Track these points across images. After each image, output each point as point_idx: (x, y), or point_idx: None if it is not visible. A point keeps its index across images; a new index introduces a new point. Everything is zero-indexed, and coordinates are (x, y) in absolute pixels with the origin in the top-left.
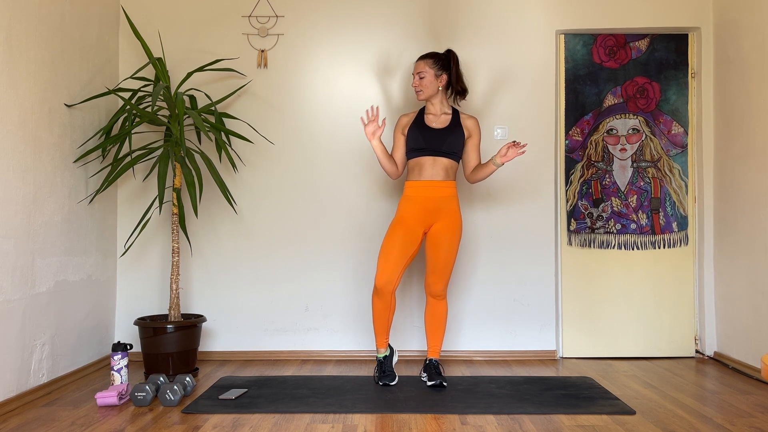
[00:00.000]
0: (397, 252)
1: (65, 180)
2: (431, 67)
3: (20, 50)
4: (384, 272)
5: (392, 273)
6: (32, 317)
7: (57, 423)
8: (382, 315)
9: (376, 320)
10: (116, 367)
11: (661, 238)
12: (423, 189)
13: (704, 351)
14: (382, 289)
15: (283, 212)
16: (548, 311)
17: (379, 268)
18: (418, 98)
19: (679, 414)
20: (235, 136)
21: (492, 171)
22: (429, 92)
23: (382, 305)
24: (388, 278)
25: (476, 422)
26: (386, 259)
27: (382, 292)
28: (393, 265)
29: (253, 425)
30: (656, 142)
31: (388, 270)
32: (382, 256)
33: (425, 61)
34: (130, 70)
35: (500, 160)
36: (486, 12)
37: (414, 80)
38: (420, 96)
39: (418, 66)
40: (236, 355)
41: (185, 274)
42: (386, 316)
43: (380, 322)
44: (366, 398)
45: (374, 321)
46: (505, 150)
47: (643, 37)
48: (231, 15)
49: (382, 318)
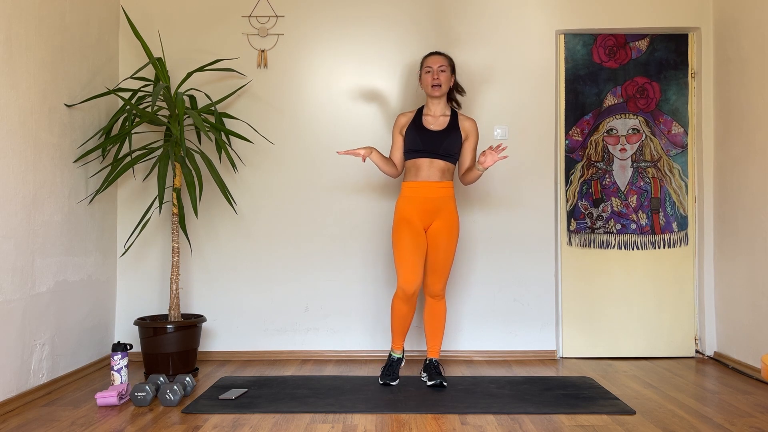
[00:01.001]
0: (412, 253)
1: (65, 180)
2: (448, 65)
3: (20, 50)
4: (408, 276)
5: (415, 274)
6: (32, 317)
7: (57, 423)
8: (406, 318)
9: (399, 323)
10: (116, 367)
11: (661, 238)
12: (420, 189)
13: (704, 351)
14: (412, 293)
15: (283, 212)
16: (548, 311)
17: (402, 273)
18: (434, 93)
19: (679, 414)
20: (235, 136)
21: (478, 176)
22: (445, 89)
23: (407, 309)
24: (414, 281)
25: (476, 422)
26: (405, 261)
27: (410, 295)
28: (413, 266)
29: (253, 425)
30: (656, 142)
31: (411, 272)
32: (400, 260)
33: (443, 56)
34: (130, 70)
35: (481, 167)
36: (486, 12)
37: (433, 74)
38: (436, 92)
39: (437, 60)
40: (236, 355)
41: (185, 274)
42: (410, 319)
43: (404, 325)
44: (366, 398)
45: (395, 323)
46: (483, 158)
47: (643, 37)
48: (231, 15)
49: (406, 321)
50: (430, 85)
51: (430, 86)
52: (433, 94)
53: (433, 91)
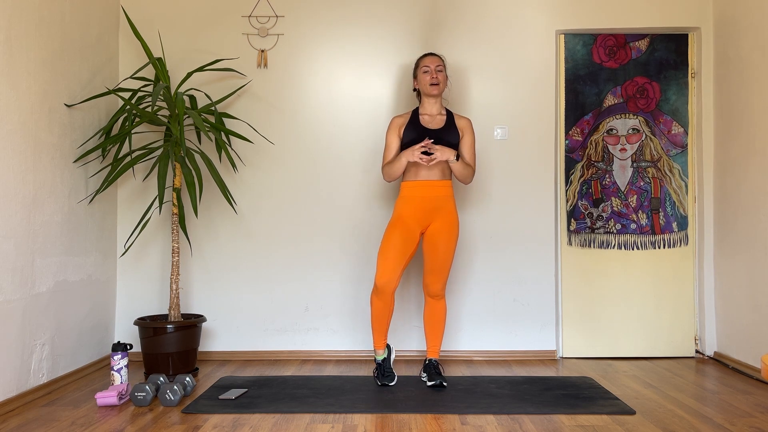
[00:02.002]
0: (397, 252)
1: (65, 180)
2: (444, 65)
3: (20, 50)
4: (384, 272)
5: (392, 272)
6: (32, 317)
7: (57, 423)
8: (382, 315)
9: (376, 320)
10: (116, 367)
11: (661, 238)
12: (420, 189)
13: (704, 351)
14: (383, 289)
15: (283, 212)
16: (548, 311)
17: (379, 268)
18: (432, 92)
19: (679, 414)
20: (235, 136)
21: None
22: (443, 87)
23: (382, 305)
24: (388, 278)
25: (476, 422)
26: (386, 259)
27: (382, 291)
28: (393, 264)
29: (253, 425)
30: (656, 142)
31: (388, 270)
32: (381, 256)
33: (439, 57)
34: (130, 70)
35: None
36: (486, 12)
37: (431, 73)
38: (435, 90)
39: (434, 60)
40: (236, 355)
41: (185, 274)
42: (386, 317)
43: (380, 322)
44: (366, 398)
45: (373, 321)
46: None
47: (643, 37)
48: (231, 15)
49: (383, 318)
50: (428, 84)
51: (428, 85)
52: (432, 92)
53: (432, 90)
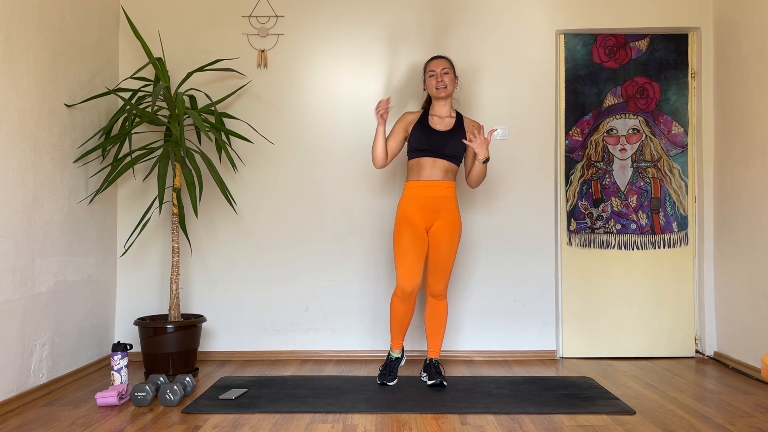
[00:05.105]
0: (414, 252)
1: (65, 180)
2: (451, 67)
3: (20, 50)
4: (408, 275)
5: (415, 274)
6: (32, 317)
7: (57, 423)
8: (405, 317)
9: (397, 322)
10: (116, 367)
11: (661, 238)
12: (423, 189)
13: (704, 351)
14: (410, 292)
15: (283, 212)
16: (548, 311)
17: (401, 272)
18: (440, 95)
19: (679, 414)
20: (235, 136)
21: (481, 170)
22: (450, 90)
23: (405, 308)
24: (413, 280)
25: (476, 422)
26: (405, 261)
27: (409, 294)
28: (413, 265)
29: (253, 425)
30: (656, 142)
31: (411, 271)
32: (400, 259)
33: (446, 60)
34: (130, 70)
35: (480, 158)
36: (486, 12)
37: (437, 77)
38: (442, 93)
39: (440, 63)
40: (236, 355)
41: (185, 274)
42: (408, 318)
43: (402, 323)
44: (366, 398)
45: (394, 323)
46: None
47: (643, 37)
48: (231, 15)
49: (405, 320)
50: (435, 88)
51: (435, 88)
52: (439, 95)
53: (439, 93)
